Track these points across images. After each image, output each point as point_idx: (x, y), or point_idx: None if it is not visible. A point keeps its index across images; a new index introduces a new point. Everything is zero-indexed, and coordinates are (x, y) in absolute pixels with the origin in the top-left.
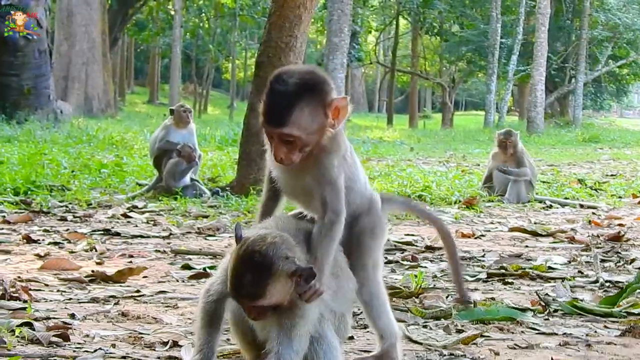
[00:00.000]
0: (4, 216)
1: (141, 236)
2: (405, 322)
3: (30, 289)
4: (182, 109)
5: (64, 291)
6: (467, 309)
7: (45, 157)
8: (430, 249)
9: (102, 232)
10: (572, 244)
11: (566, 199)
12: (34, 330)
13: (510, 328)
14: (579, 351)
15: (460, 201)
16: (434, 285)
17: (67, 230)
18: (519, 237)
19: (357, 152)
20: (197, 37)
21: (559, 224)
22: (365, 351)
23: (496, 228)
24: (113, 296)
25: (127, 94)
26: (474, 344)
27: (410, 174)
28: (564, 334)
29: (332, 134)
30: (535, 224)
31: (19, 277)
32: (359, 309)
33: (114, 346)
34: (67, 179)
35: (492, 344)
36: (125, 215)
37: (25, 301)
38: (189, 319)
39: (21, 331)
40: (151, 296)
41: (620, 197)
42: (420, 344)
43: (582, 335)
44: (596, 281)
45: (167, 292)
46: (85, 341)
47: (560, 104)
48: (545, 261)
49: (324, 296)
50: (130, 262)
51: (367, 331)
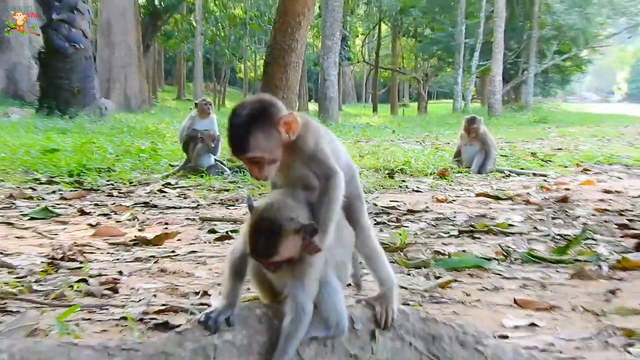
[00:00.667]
0: (62, 193)
1: (174, 207)
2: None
3: (85, 252)
4: (203, 103)
5: (113, 253)
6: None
7: (94, 145)
8: (411, 212)
9: (142, 205)
10: (528, 205)
11: (522, 169)
12: (88, 285)
13: (479, 274)
14: (535, 292)
15: (434, 173)
16: (415, 241)
17: (113, 204)
18: (484, 200)
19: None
20: (215, 43)
21: (516, 190)
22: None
23: (465, 194)
24: (153, 256)
25: (159, 92)
26: (449, 287)
27: (393, 152)
28: (523, 278)
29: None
30: (497, 189)
31: (75, 242)
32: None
33: (155, 296)
34: (112, 162)
35: (464, 287)
36: (160, 191)
37: (81, 262)
38: (216, 273)
39: (78, 286)
40: (184, 255)
41: (566, 167)
42: (406, 288)
43: (538, 279)
44: (548, 235)
45: (197, 251)
46: (131, 293)
47: (514, 92)
48: (505, 219)
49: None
50: (166, 228)
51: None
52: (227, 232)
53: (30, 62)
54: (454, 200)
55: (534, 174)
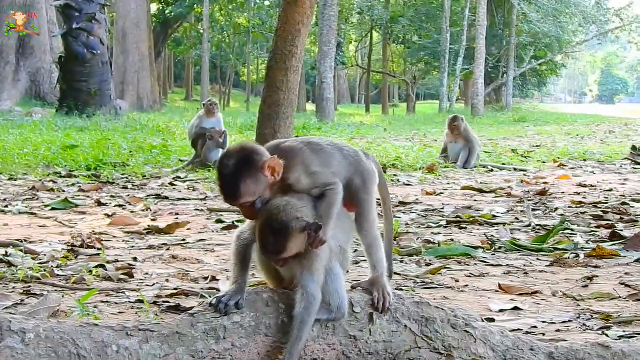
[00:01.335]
0: (80, 186)
1: (184, 199)
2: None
3: (102, 240)
4: (209, 103)
5: (128, 241)
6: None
7: (109, 142)
8: (402, 203)
9: (154, 197)
10: (510, 197)
11: (503, 164)
12: (106, 270)
13: (466, 261)
14: (519, 278)
15: (423, 168)
16: (407, 231)
17: (128, 195)
18: (469, 193)
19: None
20: (221, 49)
21: (498, 183)
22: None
23: (451, 187)
24: (165, 244)
25: (169, 93)
26: (439, 274)
27: (385, 148)
28: (507, 265)
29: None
30: (481, 183)
31: (93, 231)
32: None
33: (167, 281)
34: (127, 158)
35: (453, 274)
36: (171, 184)
37: (99, 249)
38: (223, 259)
39: (97, 271)
40: (194, 243)
41: (544, 162)
42: (399, 274)
43: (521, 266)
44: (529, 225)
45: (206, 240)
46: (145, 278)
47: (495, 94)
48: (490, 211)
49: (329, 237)
50: (177, 218)
51: (358, 266)
52: (233, 222)
53: (52, 67)
54: (441, 193)
55: (515, 169)
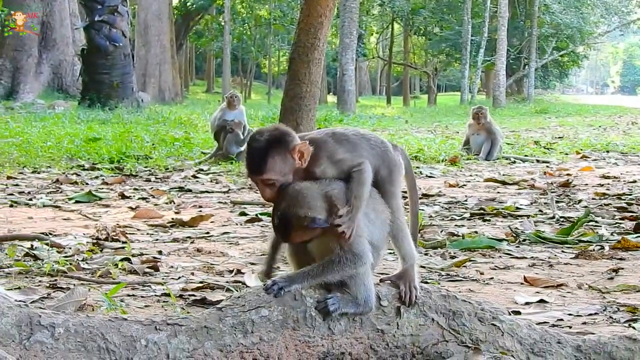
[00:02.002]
0: (103, 179)
1: (207, 191)
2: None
3: (126, 233)
4: (229, 96)
5: (152, 234)
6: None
7: (132, 134)
8: (425, 196)
9: (177, 189)
10: (533, 189)
11: (526, 156)
12: (131, 263)
13: (491, 254)
14: (543, 270)
15: (446, 160)
16: (431, 223)
17: (151, 188)
18: (492, 185)
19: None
20: (242, 42)
21: (521, 175)
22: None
23: (474, 179)
24: (189, 237)
25: (190, 85)
26: (464, 266)
27: (407, 140)
28: (532, 257)
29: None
30: (504, 175)
31: (117, 224)
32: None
33: (192, 274)
34: (149, 150)
35: (478, 266)
36: (194, 176)
37: (124, 242)
38: (247, 252)
39: (122, 265)
40: (218, 236)
41: (566, 154)
42: (424, 267)
43: (546, 258)
44: (553, 217)
45: (230, 232)
46: (170, 271)
47: (517, 85)
48: (513, 203)
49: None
50: (200, 211)
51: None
52: (256, 215)
53: (74, 59)
54: (464, 185)
55: (538, 161)
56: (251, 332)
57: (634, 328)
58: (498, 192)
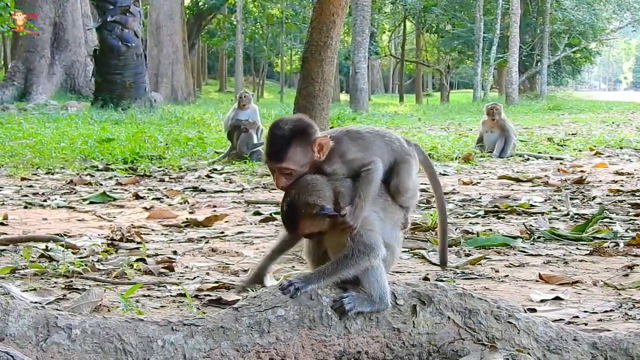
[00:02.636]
0: (117, 179)
1: (221, 191)
2: (426, 249)
3: (141, 234)
4: (240, 96)
5: (166, 234)
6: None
7: (145, 134)
8: None
9: (191, 189)
10: (547, 186)
11: (539, 153)
12: (146, 264)
13: (505, 251)
14: (559, 267)
15: (459, 157)
16: None
17: (165, 188)
18: (506, 183)
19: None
20: (254, 41)
21: (535, 172)
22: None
23: (488, 177)
24: (204, 237)
25: (203, 85)
26: (479, 264)
27: (420, 138)
28: (547, 254)
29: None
30: (517, 172)
31: (132, 224)
32: None
33: (208, 274)
34: (163, 150)
35: (493, 264)
36: (208, 176)
37: (138, 243)
38: (262, 252)
39: (137, 265)
40: (232, 236)
41: (580, 151)
42: (438, 265)
43: (561, 255)
44: (567, 214)
45: (244, 232)
46: (185, 271)
47: (529, 82)
48: (527, 200)
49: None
50: (215, 210)
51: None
52: (271, 214)
53: (87, 60)
54: (478, 183)
55: (551, 158)
56: (268, 331)
57: None
58: (512, 190)
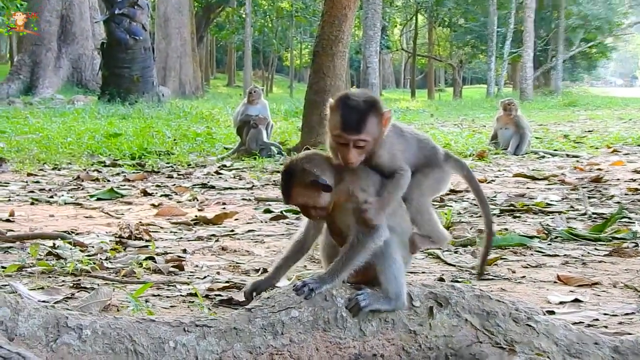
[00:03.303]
0: (125, 175)
1: (230, 188)
2: (441, 249)
3: (150, 231)
4: (249, 91)
5: (176, 232)
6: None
7: (153, 130)
8: (453, 191)
9: (200, 186)
10: (563, 185)
11: (555, 150)
12: (155, 262)
13: (522, 252)
14: (577, 268)
15: (473, 154)
16: (460, 220)
17: (173, 185)
18: (521, 181)
19: None
20: (264, 34)
21: (551, 170)
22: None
23: (502, 174)
24: (213, 235)
25: (211, 79)
26: (495, 264)
27: (433, 134)
28: (565, 255)
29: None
30: (533, 170)
31: (140, 222)
32: None
33: (218, 273)
34: (171, 146)
35: (509, 264)
36: (217, 172)
37: (147, 241)
38: (273, 251)
39: (147, 264)
40: (243, 234)
41: (597, 148)
42: (454, 265)
43: (579, 256)
44: (585, 213)
45: (255, 230)
46: (195, 270)
47: (544, 77)
48: (543, 199)
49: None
50: (224, 208)
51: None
52: (281, 212)
53: (94, 53)
54: (493, 181)
55: (567, 155)
56: (281, 333)
57: None
58: (527, 188)
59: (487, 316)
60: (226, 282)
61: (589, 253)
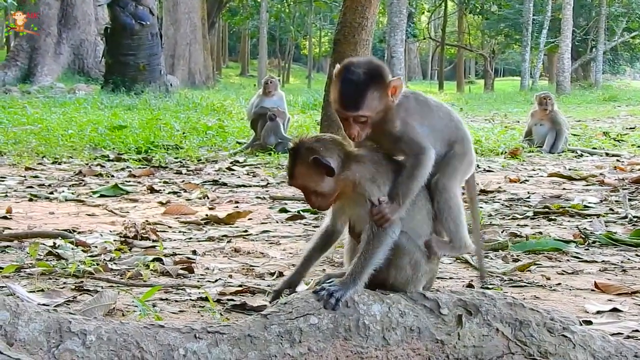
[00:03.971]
0: (130, 170)
1: (244, 185)
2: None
3: (157, 231)
4: (265, 81)
5: (185, 232)
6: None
7: (160, 122)
8: (484, 192)
9: (211, 183)
10: (602, 186)
11: (594, 148)
12: (163, 264)
13: (557, 257)
14: (616, 275)
15: (505, 152)
16: (490, 222)
17: (182, 181)
18: (557, 181)
19: None
20: (280, 20)
21: (589, 170)
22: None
23: (537, 174)
24: (225, 235)
25: (223, 68)
26: (528, 270)
27: None
28: (603, 261)
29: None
30: (570, 170)
31: (146, 220)
32: None
33: (230, 277)
34: (180, 140)
35: (544, 271)
36: (229, 169)
37: (154, 241)
38: (290, 253)
39: (154, 265)
40: (257, 235)
41: (639, 147)
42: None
43: (618, 262)
44: (625, 217)
45: (270, 231)
46: (206, 273)
47: (583, 70)
48: (581, 201)
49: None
50: (237, 207)
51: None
52: (298, 212)
53: (97, 39)
54: (526, 181)
55: (607, 154)
56: (299, 341)
57: None
58: (564, 189)
59: (519, 326)
60: (239, 286)
61: (629, 259)
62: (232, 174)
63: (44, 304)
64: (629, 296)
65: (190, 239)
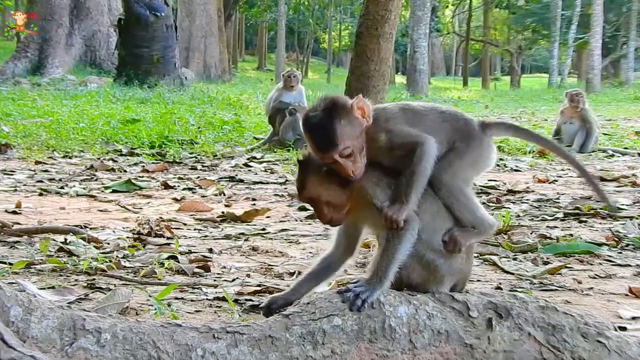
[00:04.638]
0: (144, 165)
1: (261, 182)
2: (498, 255)
3: (172, 228)
4: (287, 75)
5: (200, 229)
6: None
7: (175, 116)
8: (511, 192)
9: (227, 179)
10: (635, 187)
11: (625, 148)
12: (178, 262)
13: (589, 260)
14: None
15: (533, 151)
16: (519, 223)
17: (198, 177)
18: None
19: None
20: (299, 13)
21: (621, 170)
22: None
23: (566, 174)
24: (243, 233)
25: (239, 61)
26: (559, 274)
27: None
28: (637, 265)
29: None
30: (601, 170)
31: (160, 217)
32: None
33: (248, 276)
34: (195, 134)
35: (575, 274)
36: (246, 165)
37: (169, 238)
38: (310, 253)
39: (169, 263)
40: (275, 233)
41: None
42: (512, 274)
43: None
44: None
45: (289, 229)
46: (223, 272)
47: (613, 67)
48: (613, 202)
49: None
50: (254, 204)
51: None
52: None
53: (110, 30)
54: (555, 181)
55: (639, 154)
56: (322, 343)
57: None
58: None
59: (552, 330)
60: (257, 285)
61: None
62: (249, 170)
63: (55, 301)
64: None
65: (206, 236)
